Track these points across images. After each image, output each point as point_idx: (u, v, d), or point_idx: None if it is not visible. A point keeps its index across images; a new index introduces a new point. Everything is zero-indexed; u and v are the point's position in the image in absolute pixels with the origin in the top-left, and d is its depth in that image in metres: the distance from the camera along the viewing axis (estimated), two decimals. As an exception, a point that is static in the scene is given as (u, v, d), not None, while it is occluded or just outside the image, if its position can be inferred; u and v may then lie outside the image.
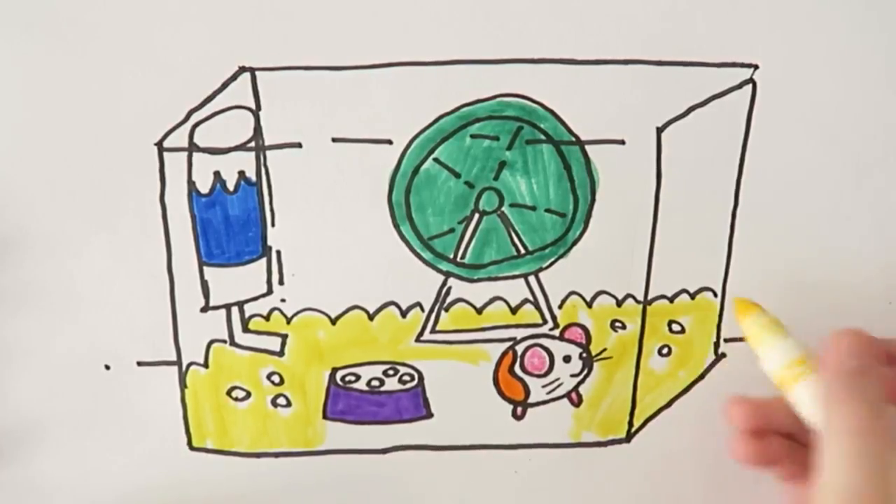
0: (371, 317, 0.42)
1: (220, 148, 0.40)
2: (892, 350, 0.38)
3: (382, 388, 0.43)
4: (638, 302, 0.43)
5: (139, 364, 0.42)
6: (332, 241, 0.41)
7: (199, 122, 0.39)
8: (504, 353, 0.43)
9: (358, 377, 0.43)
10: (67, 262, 0.41)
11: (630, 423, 0.44)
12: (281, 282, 0.41)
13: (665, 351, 0.44)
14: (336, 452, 0.44)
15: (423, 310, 0.42)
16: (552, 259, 0.42)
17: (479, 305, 0.42)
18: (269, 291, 0.42)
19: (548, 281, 0.42)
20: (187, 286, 0.41)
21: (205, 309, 0.42)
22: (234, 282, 0.41)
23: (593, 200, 0.41)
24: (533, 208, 0.41)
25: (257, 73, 0.38)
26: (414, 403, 0.43)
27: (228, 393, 0.43)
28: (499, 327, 0.43)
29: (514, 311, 0.42)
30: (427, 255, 0.41)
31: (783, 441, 0.39)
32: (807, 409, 0.37)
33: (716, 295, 0.43)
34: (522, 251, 0.41)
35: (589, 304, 0.42)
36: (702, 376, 0.44)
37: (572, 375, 0.43)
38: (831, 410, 0.35)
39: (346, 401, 0.43)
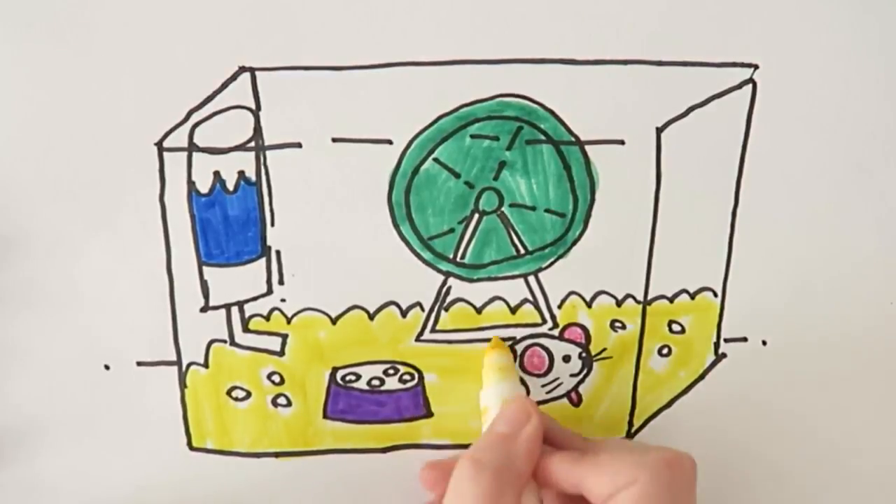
0: (371, 316, 0.42)
1: (219, 148, 0.40)
2: (554, 434, 0.39)
3: (383, 388, 0.43)
4: (638, 302, 0.43)
5: (139, 364, 0.42)
6: (332, 241, 0.41)
7: (199, 122, 0.39)
8: (504, 353, 0.43)
9: (358, 377, 0.43)
10: (67, 262, 0.41)
11: (630, 423, 0.44)
12: (281, 282, 0.41)
13: (665, 351, 0.44)
14: (336, 452, 0.44)
15: (423, 309, 0.42)
16: (552, 259, 0.42)
17: (478, 305, 0.42)
18: (269, 291, 0.42)
19: (547, 281, 0.42)
20: (187, 286, 0.41)
21: (205, 309, 0.42)
22: (234, 282, 0.41)
23: (593, 200, 0.41)
24: (533, 208, 0.41)
25: (257, 73, 0.38)
26: (414, 403, 0.43)
27: (228, 393, 0.43)
28: (498, 327, 0.43)
29: (513, 310, 0.42)
30: (427, 255, 0.41)
31: None
32: None
33: (716, 295, 0.43)
34: (522, 251, 0.42)
35: (589, 304, 0.42)
36: (702, 376, 0.44)
37: (572, 375, 0.44)
38: (450, 483, 0.36)
39: (346, 400, 0.43)
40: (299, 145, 0.40)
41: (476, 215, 0.41)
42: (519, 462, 0.37)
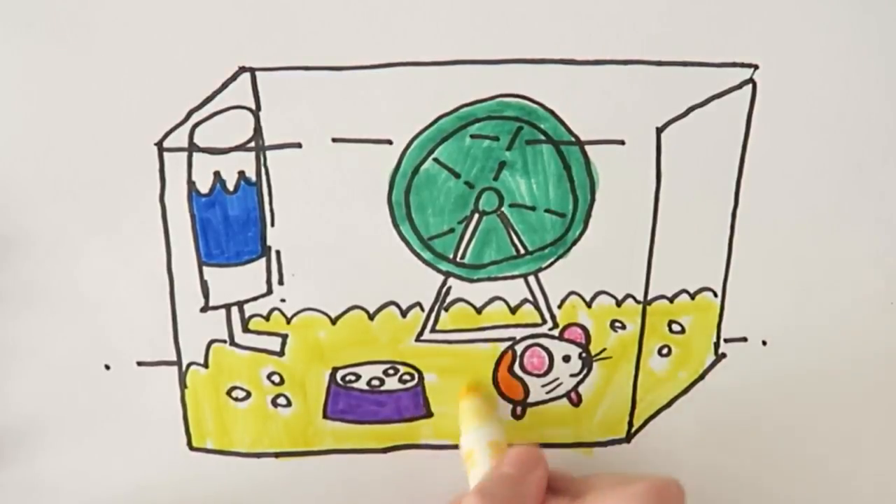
0: (371, 316, 0.42)
1: (220, 148, 0.40)
2: (556, 482, 0.39)
3: (383, 388, 0.43)
4: (638, 302, 0.43)
5: (139, 364, 0.42)
6: (332, 241, 0.41)
7: (199, 122, 0.39)
8: (503, 353, 0.43)
9: (358, 377, 0.43)
10: (68, 262, 0.41)
11: (630, 423, 0.44)
12: (281, 282, 0.41)
13: (665, 351, 0.44)
14: (336, 452, 0.44)
15: (423, 309, 0.42)
16: (552, 259, 0.42)
17: (478, 305, 0.42)
18: (269, 291, 0.42)
19: (547, 281, 0.42)
20: (187, 286, 0.41)
21: (205, 309, 0.42)
22: (234, 282, 0.41)
23: (593, 200, 0.41)
24: (533, 208, 0.41)
25: (257, 73, 0.38)
26: (414, 403, 0.43)
27: (228, 393, 0.43)
28: (498, 327, 0.43)
29: (513, 310, 0.42)
30: (427, 255, 0.41)
31: None
32: None
33: (716, 295, 0.43)
34: (522, 251, 0.42)
35: (588, 304, 0.42)
36: (702, 376, 0.44)
37: (572, 375, 0.44)
38: None
39: (346, 400, 0.43)
40: (299, 145, 0.40)
41: (476, 215, 0.41)
42: (525, 502, 0.37)
